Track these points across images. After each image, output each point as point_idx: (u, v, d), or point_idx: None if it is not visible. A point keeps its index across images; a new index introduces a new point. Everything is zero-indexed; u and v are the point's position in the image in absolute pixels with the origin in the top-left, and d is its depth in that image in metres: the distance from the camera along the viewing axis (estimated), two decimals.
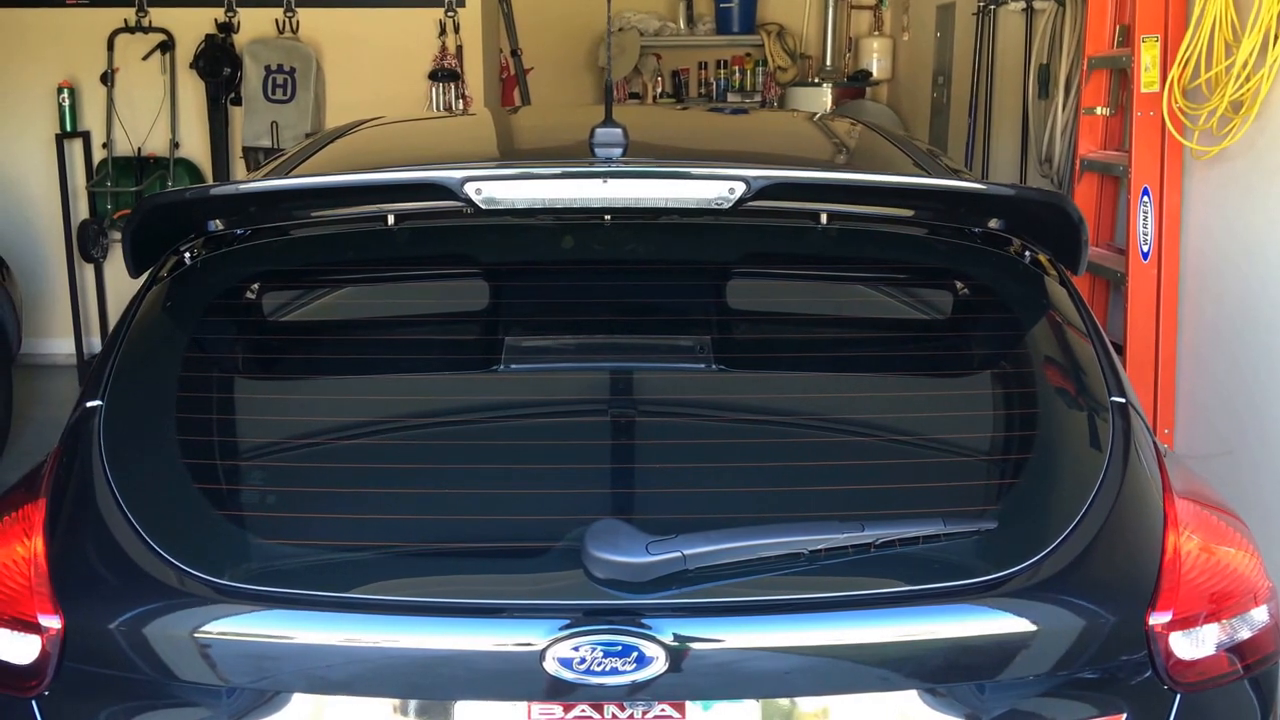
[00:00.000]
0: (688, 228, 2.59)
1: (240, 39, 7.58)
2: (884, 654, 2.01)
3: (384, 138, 3.33)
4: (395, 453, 2.27)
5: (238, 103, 7.64)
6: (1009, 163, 7.08)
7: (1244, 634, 2.17)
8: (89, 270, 7.74)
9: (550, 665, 1.93)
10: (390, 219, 2.50)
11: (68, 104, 7.56)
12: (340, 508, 2.15)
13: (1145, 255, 4.59)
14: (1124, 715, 2.08)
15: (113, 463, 2.18)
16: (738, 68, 10.55)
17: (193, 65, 7.60)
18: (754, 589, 1.99)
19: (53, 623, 2.05)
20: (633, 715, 1.97)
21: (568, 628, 1.94)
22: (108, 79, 7.56)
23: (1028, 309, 2.50)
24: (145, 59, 7.59)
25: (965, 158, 7.66)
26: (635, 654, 1.93)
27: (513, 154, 3.30)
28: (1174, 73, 4.30)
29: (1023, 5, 6.77)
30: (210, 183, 7.24)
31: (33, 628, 2.05)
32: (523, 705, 1.98)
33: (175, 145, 7.74)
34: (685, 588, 1.97)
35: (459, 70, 7.63)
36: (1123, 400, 2.35)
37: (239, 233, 2.56)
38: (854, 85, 9.90)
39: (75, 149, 7.70)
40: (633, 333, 2.51)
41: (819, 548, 2.00)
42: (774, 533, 2.00)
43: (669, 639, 1.94)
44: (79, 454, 2.23)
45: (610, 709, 1.97)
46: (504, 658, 1.98)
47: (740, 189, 2.32)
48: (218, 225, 2.55)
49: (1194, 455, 4.41)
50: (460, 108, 7.56)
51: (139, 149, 7.71)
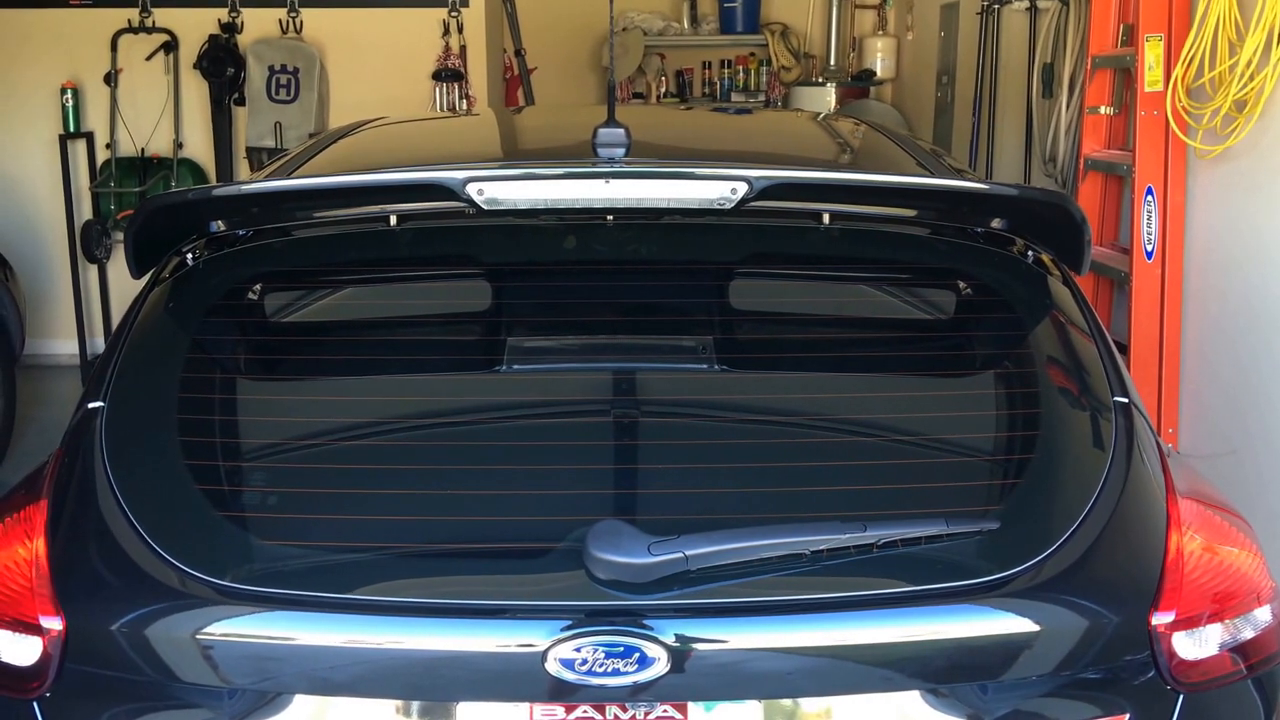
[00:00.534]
0: (690, 228, 2.59)
1: (244, 39, 7.58)
2: (886, 654, 2.01)
3: (386, 138, 3.33)
4: (397, 454, 2.27)
5: (241, 103, 7.63)
6: (1013, 162, 7.07)
7: (1247, 634, 2.17)
8: (92, 271, 7.75)
9: (552, 666, 1.93)
10: (393, 220, 2.50)
11: (71, 104, 7.56)
12: (342, 509, 2.14)
13: (1149, 254, 4.58)
14: (1127, 715, 2.07)
15: (114, 464, 2.18)
16: (742, 67, 10.54)
17: (196, 65, 7.60)
18: (756, 589, 1.99)
19: (54, 624, 2.04)
20: (635, 716, 1.97)
21: (570, 628, 1.94)
22: (111, 79, 7.56)
23: (1031, 309, 2.50)
24: (149, 59, 7.60)
25: (969, 157, 7.65)
26: (637, 655, 1.93)
27: (515, 154, 3.29)
28: (1178, 72, 4.29)
29: (1026, 4, 6.76)
30: (212, 183, 7.24)
31: (34, 629, 2.05)
32: (525, 706, 1.97)
33: (179, 146, 7.75)
34: (687, 588, 1.96)
35: (463, 70, 7.62)
36: (1125, 400, 2.34)
37: (241, 234, 2.56)
38: (858, 85, 9.90)
39: (79, 149, 7.70)
40: (635, 333, 2.51)
41: (821, 548, 2.00)
42: (776, 533, 2.00)
43: (671, 640, 1.94)
44: (80, 455, 2.23)
45: (612, 710, 1.97)
46: (506, 659, 1.98)
47: (742, 189, 2.31)
48: (220, 226, 2.54)
49: (1198, 455, 4.41)
50: (464, 108, 7.56)
51: (142, 149, 7.71)
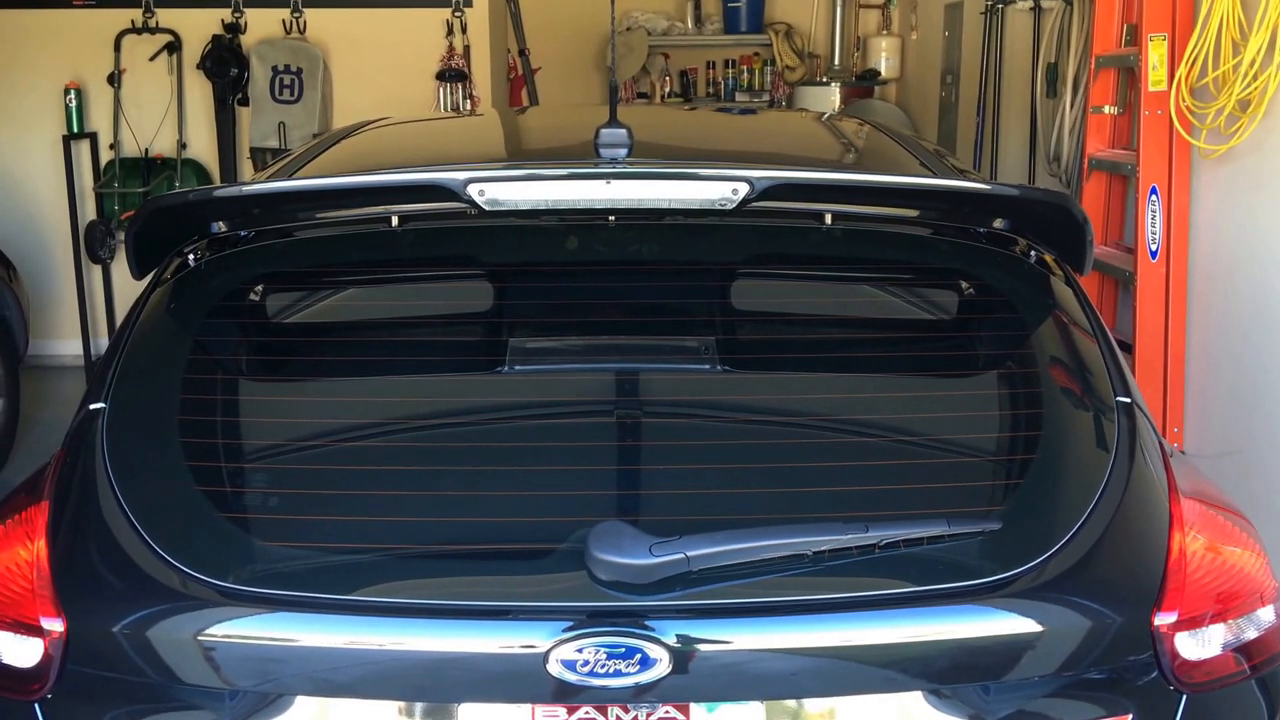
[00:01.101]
0: (692, 229, 2.58)
1: (247, 39, 7.58)
2: (889, 655, 2.00)
3: (389, 139, 3.33)
4: (399, 455, 2.27)
5: (245, 103, 7.63)
6: (1017, 161, 7.07)
7: (1250, 634, 2.16)
8: (96, 271, 7.74)
9: (554, 667, 1.93)
10: (394, 221, 2.50)
11: (74, 105, 7.55)
12: (344, 510, 2.14)
13: (1154, 254, 4.58)
14: (1129, 716, 2.07)
15: (116, 465, 2.18)
16: (746, 67, 10.54)
17: (199, 66, 7.59)
18: (758, 590, 1.98)
19: (55, 626, 2.04)
20: (637, 717, 1.97)
21: (571, 630, 1.93)
22: (114, 80, 7.56)
23: (1033, 309, 2.49)
24: (152, 60, 7.59)
25: (974, 156, 7.64)
26: (639, 656, 1.92)
27: (517, 155, 3.29)
28: (1181, 71, 4.29)
29: (1030, 4, 6.76)
30: (214, 184, 7.24)
31: (35, 631, 2.05)
32: (526, 707, 1.97)
33: (182, 146, 7.74)
34: (689, 589, 1.96)
35: (466, 70, 7.62)
36: (1128, 400, 2.34)
37: (243, 234, 2.56)
38: (862, 84, 9.91)
39: (82, 150, 7.70)
40: (637, 334, 2.50)
41: (823, 549, 2.00)
42: (778, 534, 2.00)
43: (673, 641, 1.93)
44: (82, 456, 2.23)
45: (614, 711, 1.97)
46: (508, 660, 1.98)
47: (744, 190, 2.31)
48: (221, 227, 2.54)
49: (1203, 454, 4.40)
50: (468, 108, 7.56)
51: (146, 150, 7.71)
